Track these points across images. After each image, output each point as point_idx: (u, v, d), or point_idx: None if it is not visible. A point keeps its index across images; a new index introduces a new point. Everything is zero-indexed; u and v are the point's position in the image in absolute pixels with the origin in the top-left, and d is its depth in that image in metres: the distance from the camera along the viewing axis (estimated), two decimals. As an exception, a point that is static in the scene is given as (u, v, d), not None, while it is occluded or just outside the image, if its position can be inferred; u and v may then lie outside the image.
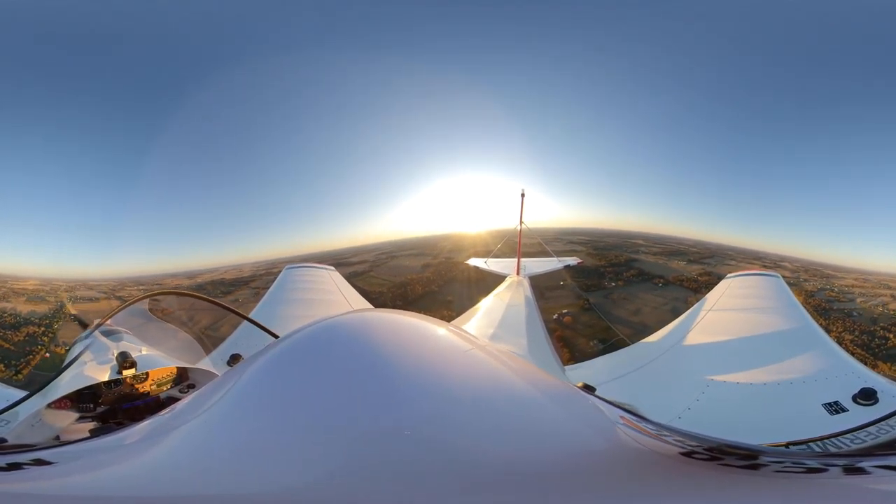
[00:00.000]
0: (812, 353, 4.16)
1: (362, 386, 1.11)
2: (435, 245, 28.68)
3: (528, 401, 1.24)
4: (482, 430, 1.07)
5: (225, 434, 1.13)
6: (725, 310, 6.14)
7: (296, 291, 6.90)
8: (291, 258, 23.33)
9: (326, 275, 7.91)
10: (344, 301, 6.43)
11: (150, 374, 2.88)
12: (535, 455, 1.05)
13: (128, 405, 2.73)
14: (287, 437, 1.04)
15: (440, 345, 1.37)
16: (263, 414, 1.13)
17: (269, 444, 1.04)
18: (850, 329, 18.28)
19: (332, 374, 1.18)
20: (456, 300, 21.56)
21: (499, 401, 1.18)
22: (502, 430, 1.09)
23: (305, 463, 0.99)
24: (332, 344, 1.31)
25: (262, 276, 21.82)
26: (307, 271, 8.07)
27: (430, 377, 1.18)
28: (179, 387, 2.99)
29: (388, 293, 23.12)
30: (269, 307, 6.16)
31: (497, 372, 1.33)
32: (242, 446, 1.06)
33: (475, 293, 21.14)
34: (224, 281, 23.07)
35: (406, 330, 1.42)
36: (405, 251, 28.67)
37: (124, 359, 2.75)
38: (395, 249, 29.04)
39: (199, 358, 3.39)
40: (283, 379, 1.23)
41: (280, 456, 1.00)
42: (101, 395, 2.71)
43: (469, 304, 19.27)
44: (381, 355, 1.21)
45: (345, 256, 27.11)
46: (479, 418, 1.09)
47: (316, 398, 1.11)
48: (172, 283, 22.88)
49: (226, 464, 1.04)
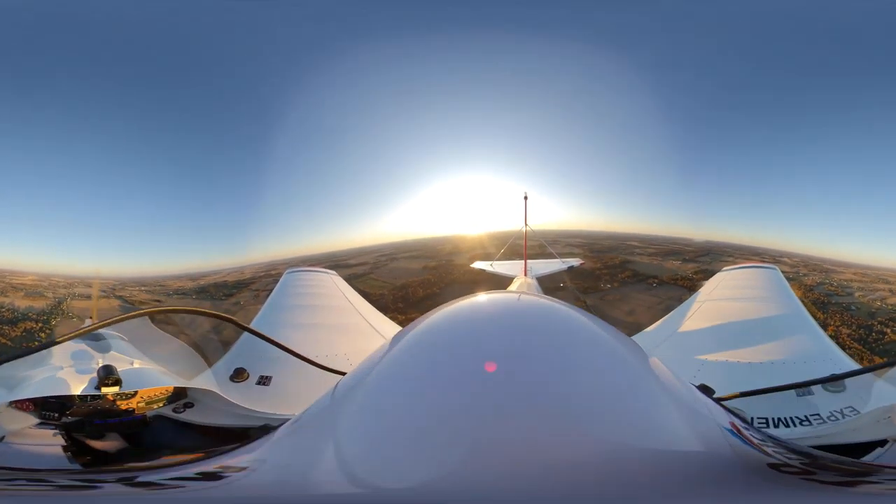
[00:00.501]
0: (797, 339, 4.35)
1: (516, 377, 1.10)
2: (434, 247, 28.89)
3: (653, 399, 1.22)
4: (613, 425, 1.06)
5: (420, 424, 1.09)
6: (718, 300, 6.29)
7: (298, 297, 6.88)
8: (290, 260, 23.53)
9: (328, 279, 7.89)
10: (349, 306, 6.48)
11: (140, 391, 2.62)
12: (644, 456, 1.04)
13: (100, 421, 2.46)
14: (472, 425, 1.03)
15: (588, 336, 1.36)
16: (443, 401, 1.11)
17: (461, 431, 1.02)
18: (847, 323, 18.39)
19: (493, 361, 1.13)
20: None
21: (629, 397, 1.17)
22: (626, 427, 1.08)
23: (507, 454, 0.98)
24: (488, 327, 1.31)
25: (262, 279, 21.92)
26: (308, 275, 8.01)
27: (581, 370, 1.17)
28: (174, 405, 2.72)
29: (389, 295, 23.32)
30: (272, 312, 6.11)
31: (633, 367, 1.31)
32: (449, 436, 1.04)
33: None
34: (227, 283, 23.11)
35: (555, 317, 1.42)
36: (404, 253, 28.87)
37: (107, 374, 2.48)
38: (394, 251, 29.23)
39: (199, 373, 3.29)
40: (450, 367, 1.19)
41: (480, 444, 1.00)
42: (72, 406, 2.43)
43: None
44: (534, 344, 1.22)
45: (344, 258, 27.25)
46: (612, 414, 1.08)
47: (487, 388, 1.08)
48: (175, 284, 22.88)
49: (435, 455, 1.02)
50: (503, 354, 1.17)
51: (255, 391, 3.40)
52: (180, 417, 2.71)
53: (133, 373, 2.70)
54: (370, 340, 5.01)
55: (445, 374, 1.17)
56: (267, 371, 3.66)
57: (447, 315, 1.45)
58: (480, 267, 15.71)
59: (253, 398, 3.17)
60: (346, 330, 5.54)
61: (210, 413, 2.76)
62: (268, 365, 3.70)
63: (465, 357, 1.19)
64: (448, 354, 1.24)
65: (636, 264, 26.27)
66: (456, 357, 1.21)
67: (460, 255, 25.80)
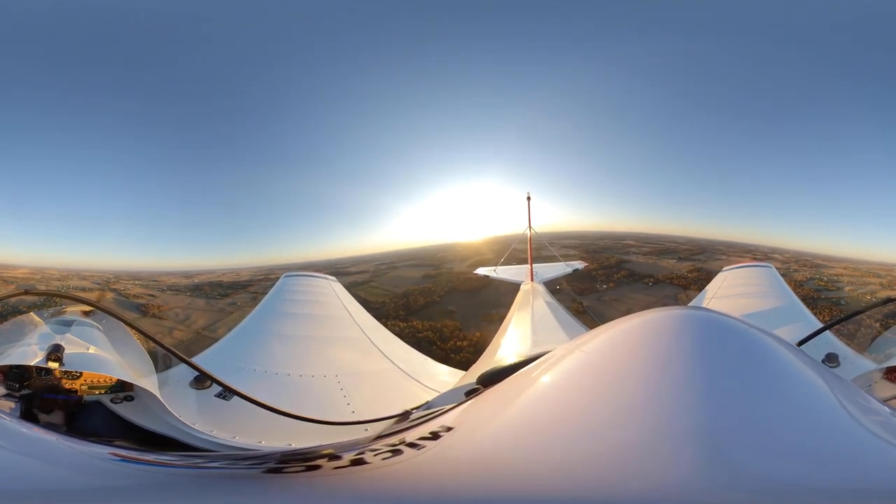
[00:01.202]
0: (797, 326, 4.59)
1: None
2: (434, 255, 28.82)
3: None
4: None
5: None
6: (723, 297, 6.77)
7: (295, 303, 6.58)
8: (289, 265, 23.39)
9: (327, 284, 7.56)
10: (347, 315, 6.19)
11: (85, 374, 2.78)
12: None
13: (48, 396, 2.69)
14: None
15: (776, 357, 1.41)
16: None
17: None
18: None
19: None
20: (459, 310, 21.79)
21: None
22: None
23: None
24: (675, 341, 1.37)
25: (261, 282, 21.87)
26: (306, 280, 7.70)
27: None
28: (113, 395, 2.84)
29: (391, 303, 23.30)
30: (264, 316, 5.84)
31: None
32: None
33: (477, 303, 21.48)
34: (222, 283, 23.09)
35: (728, 332, 1.49)
36: (404, 261, 28.75)
37: (54, 350, 2.69)
38: (394, 260, 29.09)
39: (149, 374, 3.19)
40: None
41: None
42: (30, 379, 2.68)
43: (472, 315, 19.66)
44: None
45: (344, 266, 27.19)
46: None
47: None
48: (169, 280, 22.87)
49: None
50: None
51: (211, 404, 3.10)
52: (114, 408, 2.78)
53: (78, 356, 2.82)
54: (367, 357, 4.76)
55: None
56: (238, 386, 3.16)
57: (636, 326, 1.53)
58: (484, 273, 15.56)
59: (205, 411, 2.99)
60: (341, 343, 5.27)
61: (140, 413, 2.76)
62: (234, 380, 3.19)
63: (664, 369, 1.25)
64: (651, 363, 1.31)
65: (632, 264, 26.45)
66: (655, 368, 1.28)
67: (460, 263, 25.89)
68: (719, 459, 1.04)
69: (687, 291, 21.24)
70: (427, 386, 4.05)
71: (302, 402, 3.29)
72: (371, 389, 3.88)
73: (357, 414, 3.14)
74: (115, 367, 2.89)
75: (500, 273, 14.54)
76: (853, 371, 3.27)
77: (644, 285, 24.07)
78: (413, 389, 4.01)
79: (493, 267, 15.36)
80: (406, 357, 5.01)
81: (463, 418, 1.59)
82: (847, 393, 1.37)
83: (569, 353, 1.65)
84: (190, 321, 20.20)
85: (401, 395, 3.88)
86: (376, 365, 4.53)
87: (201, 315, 20.51)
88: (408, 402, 3.13)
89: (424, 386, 4.05)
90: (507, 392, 1.64)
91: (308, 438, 2.68)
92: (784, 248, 26.08)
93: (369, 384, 4.00)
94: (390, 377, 4.26)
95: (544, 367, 1.66)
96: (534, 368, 1.68)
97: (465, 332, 20.21)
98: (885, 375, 2.74)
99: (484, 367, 2.47)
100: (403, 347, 5.49)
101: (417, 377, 4.22)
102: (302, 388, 3.64)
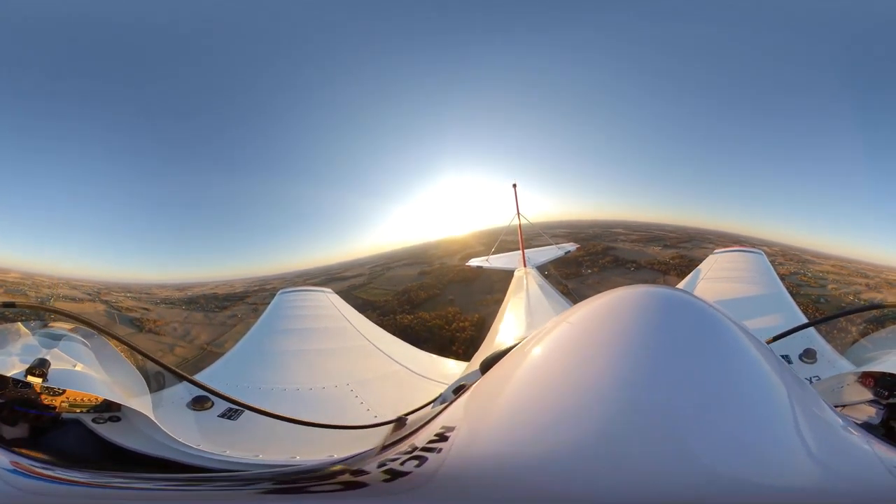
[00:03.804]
0: (778, 317, 4.76)
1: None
2: (425, 253, 29.08)
3: (817, 434, 1.22)
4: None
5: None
6: (710, 280, 7.04)
7: (294, 319, 6.59)
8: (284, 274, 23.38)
9: (324, 297, 7.60)
10: (348, 324, 6.28)
11: (69, 392, 2.62)
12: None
13: (20, 408, 2.51)
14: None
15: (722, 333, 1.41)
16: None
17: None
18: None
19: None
20: (458, 298, 22.45)
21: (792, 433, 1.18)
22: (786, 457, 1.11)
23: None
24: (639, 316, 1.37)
25: (257, 292, 21.83)
26: (302, 295, 7.73)
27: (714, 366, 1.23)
28: (95, 415, 2.66)
29: (394, 300, 23.81)
30: (264, 334, 5.82)
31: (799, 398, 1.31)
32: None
33: (474, 291, 22.25)
34: (217, 295, 22.92)
35: (685, 309, 1.49)
36: (397, 262, 28.95)
37: (37, 365, 2.55)
38: (387, 261, 29.26)
39: (141, 394, 3.10)
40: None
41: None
42: (5, 388, 2.51)
43: (470, 301, 20.02)
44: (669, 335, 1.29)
45: (339, 271, 27.23)
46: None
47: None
48: (162, 293, 22.60)
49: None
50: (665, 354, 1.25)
51: (215, 424, 3.04)
52: (96, 428, 2.63)
53: (65, 373, 2.69)
54: (375, 362, 4.86)
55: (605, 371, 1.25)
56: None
57: (602, 307, 1.53)
58: (477, 264, 15.57)
59: (210, 431, 2.92)
60: (347, 352, 5.35)
61: (131, 435, 2.61)
62: (247, 397, 3.16)
63: (624, 352, 1.27)
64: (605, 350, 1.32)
65: (618, 250, 27.01)
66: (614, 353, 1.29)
67: (452, 257, 26.33)
68: (654, 439, 1.08)
69: (665, 276, 21.88)
70: (437, 381, 4.12)
71: (319, 413, 3.28)
72: (387, 392, 3.95)
73: (379, 418, 3.08)
74: (102, 387, 2.76)
75: (492, 262, 14.57)
76: (829, 370, 3.30)
77: (626, 270, 24.77)
78: (426, 386, 4.08)
79: (486, 257, 15.38)
80: (412, 357, 5.14)
81: (461, 413, 1.62)
82: (797, 393, 1.37)
83: (544, 335, 1.67)
84: (191, 336, 19.84)
85: (417, 393, 3.86)
86: (386, 368, 4.66)
87: (202, 329, 20.23)
88: (425, 399, 3.18)
89: (435, 381, 4.13)
90: (490, 385, 1.68)
91: (344, 448, 2.59)
92: (773, 240, 25.76)
93: (383, 388, 4.07)
94: (402, 378, 4.37)
95: (516, 358, 1.71)
96: (512, 355, 1.75)
97: (466, 315, 21.08)
98: (858, 379, 2.73)
99: (485, 354, 2.52)
100: (407, 349, 5.63)
101: (427, 374, 4.32)
102: (317, 401, 3.67)
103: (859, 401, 2.53)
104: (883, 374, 2.57)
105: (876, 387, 2.54)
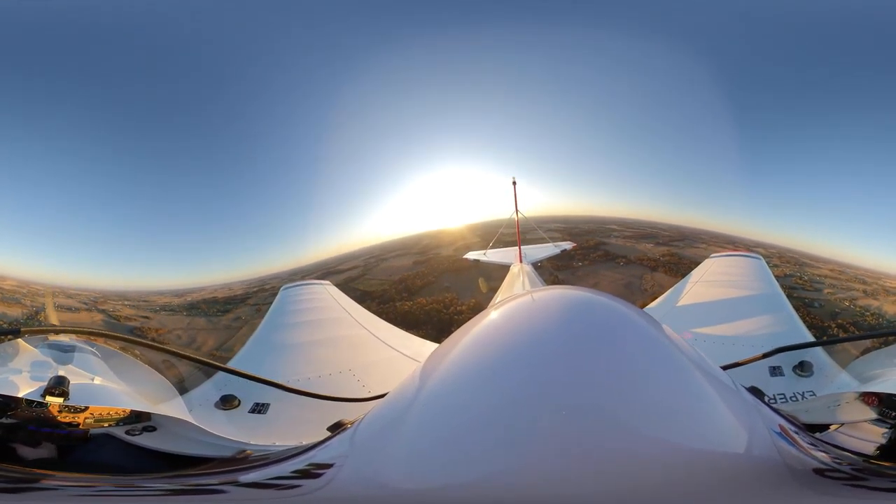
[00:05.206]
0: (776, 325, 4.70)
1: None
2: (418, 243, 29.34)
3: (702, 400, 1.21)
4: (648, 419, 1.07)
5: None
6: (705, 284, 6.91)
7: (297, 312, 6.96)
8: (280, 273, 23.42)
9: (323, 289, 8.05)
10: (347, 315, 6.65)
11: (92, 408, 2.48)
12: (682, 454, 1.04)
13: (34, 428, 2.36)
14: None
15: (635, 330, 1.38)
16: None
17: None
18: (803, 320, 18.27)
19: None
20: (453, 285, 23.04)
21: (678, 397, 1.17)
22: (673, 427, 1.08)
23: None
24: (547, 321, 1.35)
25: (257, 293, 22.01)
26: (304, 288, 8.17)
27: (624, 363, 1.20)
28: (129, 427, 2.57)
29: (391, 289, 24.22)
30: (272, 330, 6.11)
31: (685, 367, 1.29)
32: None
33: (469, 279, 22.79)
34: (217, 300, 23.03)
35: (602, 310, 1.45)
36: (391, 253, 29.30)
37: (56, 384, 2.39)
38: (381, 253, 29.58)
39: (170, 398, 3.06)
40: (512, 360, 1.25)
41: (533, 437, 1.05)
42: (14, 408, 2.36)
43: (465, 288, 20.16)
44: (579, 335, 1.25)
45: (333, 265, 27.49)
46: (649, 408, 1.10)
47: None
48: (161, 300, 22.55)
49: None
50: (563, 352, 1.22)
51: (247, 420, 3.15)
52: (133, 440, 2.55)
53: (86, 388, 2.58)
54: (374, 349, 5.23)
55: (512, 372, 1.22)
56: (264, 398, 3.37)
57: (511, 311, 1.51)
58: (474, 257, 16.08)
59: (246, 427, 3.01)
60: (347, 341, 5.71)
61: (174, 440, 2.58)
62: (265, 392, 3.40)
63: (531, 356, 1.25)
64: (513, 353, 1.30)
65: (610, 246, 27.38)
66: (521, 356, 1.27)
67: (445, 248, 26.71)
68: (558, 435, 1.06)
69: (654, 273, 22.34)
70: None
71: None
72: (385, 376, 4.24)
73: None
74: (127, 398, 2.71)
75: (489, 256, 15.11)
76: (825, 385, 3.17)
77: (615, 264, 25.27)
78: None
79: (483, 251, 15.88)
80: (407, 343, 5.47)
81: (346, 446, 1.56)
82: (695, 374, 1.32)
83: (467, 331, 1.66)
84: (197, 343, 19.58)
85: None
86: (383, 354, 5.02)
87: (207, 335, 20.03)
88: None
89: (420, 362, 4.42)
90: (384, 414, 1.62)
91: None
92: (770, 242, 25.77)
93: (382, 372, 4.38)
94: (399, 362, 4.70)
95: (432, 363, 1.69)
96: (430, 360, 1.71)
97: (462, 300, 21.79)
98: (860, 397, 2.53)
99: None
100: (402, 335, 5.96)
101: (420, 359, 4.57)
102: (327, 387, 3.88)
103: (862, 419, 2.39)
104: (889, 395, 2.39)
105: (881, 406, 2.38)
